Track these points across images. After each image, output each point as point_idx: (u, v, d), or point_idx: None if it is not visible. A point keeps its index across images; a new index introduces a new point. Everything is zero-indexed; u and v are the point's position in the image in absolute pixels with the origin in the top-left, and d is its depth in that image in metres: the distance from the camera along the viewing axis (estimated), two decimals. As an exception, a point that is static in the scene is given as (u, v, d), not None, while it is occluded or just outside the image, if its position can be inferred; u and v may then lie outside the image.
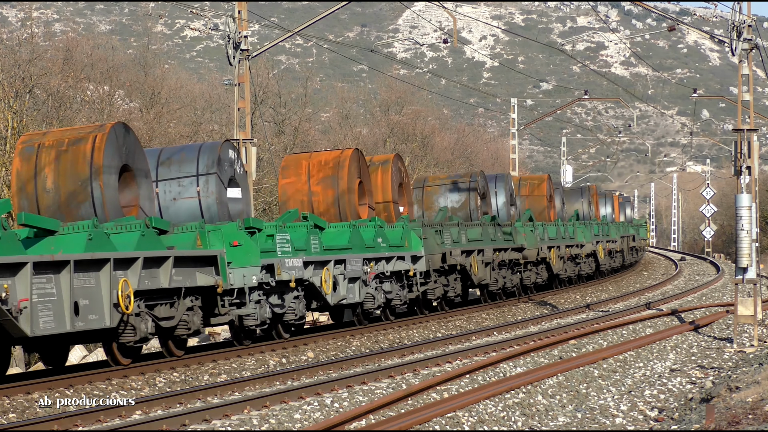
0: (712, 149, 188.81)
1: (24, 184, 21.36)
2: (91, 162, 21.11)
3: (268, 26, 59.58)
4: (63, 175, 21.21)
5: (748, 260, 25.18)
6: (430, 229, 31.40)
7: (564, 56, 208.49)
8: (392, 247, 29.04)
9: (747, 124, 26.36)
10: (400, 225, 30.05)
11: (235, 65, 31.35)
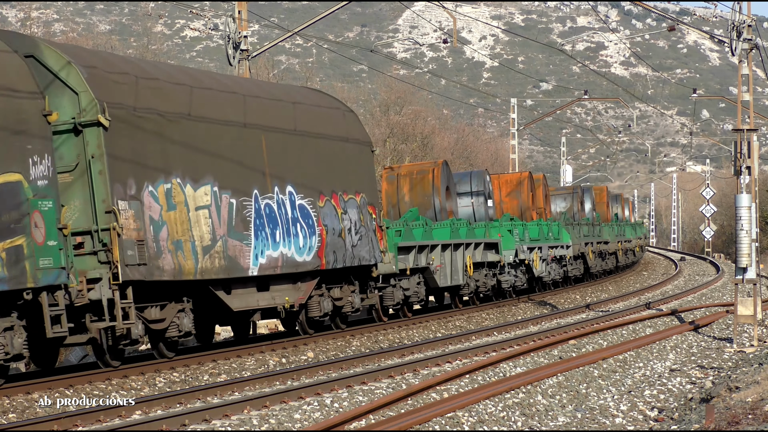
0: (711, 149, 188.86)
1: (390, 198, 36.11)
2: (432, 184, 35.74)
3: (267, 26, 59.63)
4: (415, 192, 35.83)
5: (748, 260, 25.19)
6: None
7: (564, 56, 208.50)
8: (556, 239, 44.39)
9: (747, 124, 26.36)
10: (557, 224, 45.30)
11: (235, 65, 31.36)
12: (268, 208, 23.61)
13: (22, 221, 17.14)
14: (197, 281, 21.33)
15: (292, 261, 24.14)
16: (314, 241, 25.07)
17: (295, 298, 24.55)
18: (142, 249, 19.58)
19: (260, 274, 23.06)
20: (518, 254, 38.98)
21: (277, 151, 23.98)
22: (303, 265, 24.57)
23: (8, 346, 17.34)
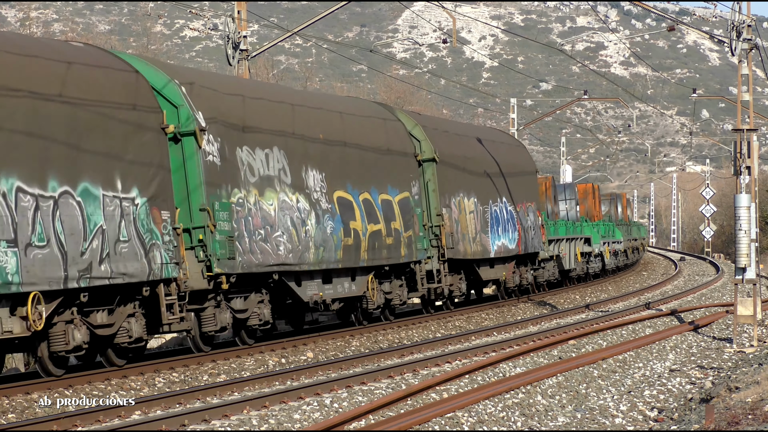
0: (711, 149, 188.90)
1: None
2: (545, 194, 45.11)
3: (267, 26, 59.65)
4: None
5: (747, 260, 25.18)
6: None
7: (563, 56, 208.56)
8: (612, 237, 56.80)
9: (746, 124, 26.36)
10: (612, 224, 58.38)
11: (235, 65, 31.35)
12: (496, 213, 35.86)
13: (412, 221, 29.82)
14: (470, 260, 33.54)
15: (506, 248, 36.51)
16: (516, 235, 37.53)
17: (505, 273, 36.92)
18: (451, 238, 31.71)
19: (495, 256, 35.43)
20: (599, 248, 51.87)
21: (499, 179, 36.59)
22: (512, 251, 37.15)
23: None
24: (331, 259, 25.38)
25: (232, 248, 21.41)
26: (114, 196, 19.10)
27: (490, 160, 35.88)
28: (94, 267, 18.47)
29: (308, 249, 24.45)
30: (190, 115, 20.92)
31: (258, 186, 22.87)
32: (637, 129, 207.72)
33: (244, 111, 23.11)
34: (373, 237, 27.43)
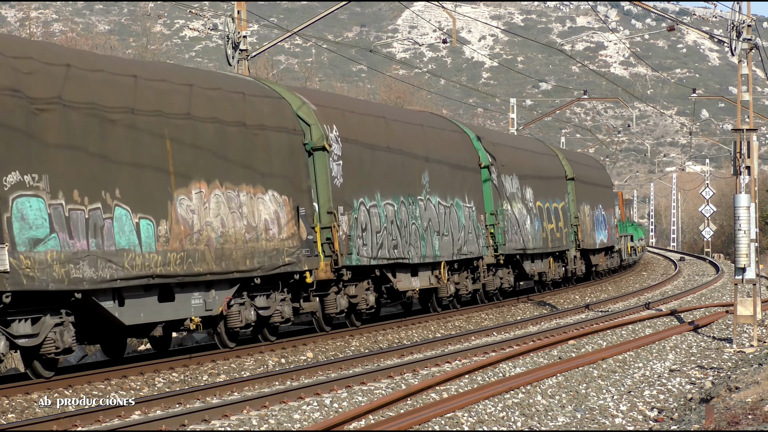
0: (711, 149, 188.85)
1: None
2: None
3: (267, 26, 59.67)
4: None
5: (747, 260, 25.18)
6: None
7: (563, 56, 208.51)
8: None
9: (746, 124, 26.36)
10: (635, 224, 70.53)
11: (235, 65, 31.35)
12: (600, 216, 49.88)
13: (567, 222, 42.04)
14: (588, 249, 48.08)
15: (603, 242, 50.42)
16: (607, 233, 51.27)
17: (602, 259, 51.82)
18: (582, 234, 46.09)
19: (598, 247, 49.69)
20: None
21: (600, 192, 50.80)
22: (605, 244, 51.08)
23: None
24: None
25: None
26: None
27: (596, 178, 51.63)
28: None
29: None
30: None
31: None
32: (637, 129, 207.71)
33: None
34: (552, 233, 41.61)
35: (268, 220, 23.21)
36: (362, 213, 26.69)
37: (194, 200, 21.17)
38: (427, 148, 31.02)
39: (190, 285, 21.22)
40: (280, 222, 23.63)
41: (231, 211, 22.16)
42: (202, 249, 21.16)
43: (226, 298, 22.04)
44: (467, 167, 33.65)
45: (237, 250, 22.10)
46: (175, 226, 20.55)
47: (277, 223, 23.48)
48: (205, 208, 21.43)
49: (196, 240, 21.07)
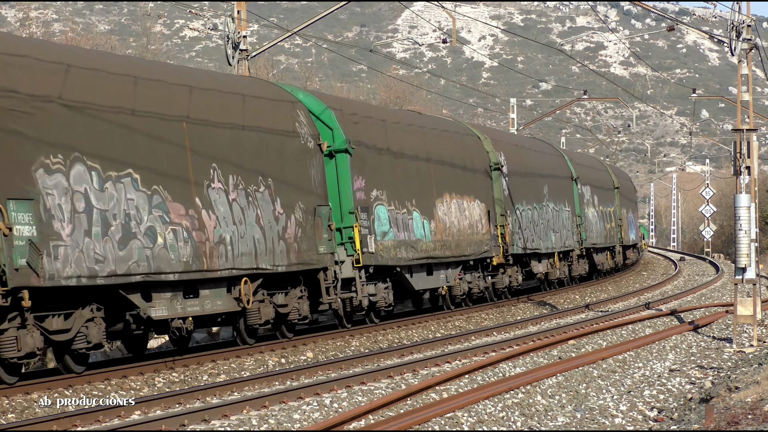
0: (711, 149, 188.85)
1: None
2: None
3: (267, 26, 59.61)
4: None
5: (747, 260, 25.18)
6: None
7: (563, 56, 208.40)
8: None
9: (746, 124, 26.36)
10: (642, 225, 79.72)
11: (235, 65, 31.34)
12: (631, 218, 60.35)
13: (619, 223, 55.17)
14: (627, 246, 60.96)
15: (634, 239, 61.33)
16: (636, 231, 63.17)
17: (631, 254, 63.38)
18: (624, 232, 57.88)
19: (631, 243, 61.44)
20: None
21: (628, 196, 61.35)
22: (635, 241, 63.66)
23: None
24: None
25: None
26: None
27: (628, 187, 63.28)
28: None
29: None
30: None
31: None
32: (637, 129, 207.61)
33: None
34: (610, 231, 54.10)
35: (476, 220, 34.11)
36: (518, 215, 37.67)
37: (444, 206, 31.91)
38: (544, 168, 42.63)
39: (440, 264, 31.56)
40: (482, 221, 34.54)
41: (461, 213, 32.93)
42: (449, 239, 31.80)
43: (457, 274, 32.83)
44: (565, 181, 45.50)
45: (463, 241, 32.86)
46: (438, 224, 31.18)
47: (480, 222, 34.39)
48: (449, 211, 32.02)
49: (447, 233, 31.69)
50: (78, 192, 18.34)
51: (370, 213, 27.40)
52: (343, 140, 26.21)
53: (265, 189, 23.37)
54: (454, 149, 33.75)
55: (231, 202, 22.20)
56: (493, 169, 35.98)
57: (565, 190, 44.38)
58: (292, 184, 24.43)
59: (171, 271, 20.25)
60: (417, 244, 29.91)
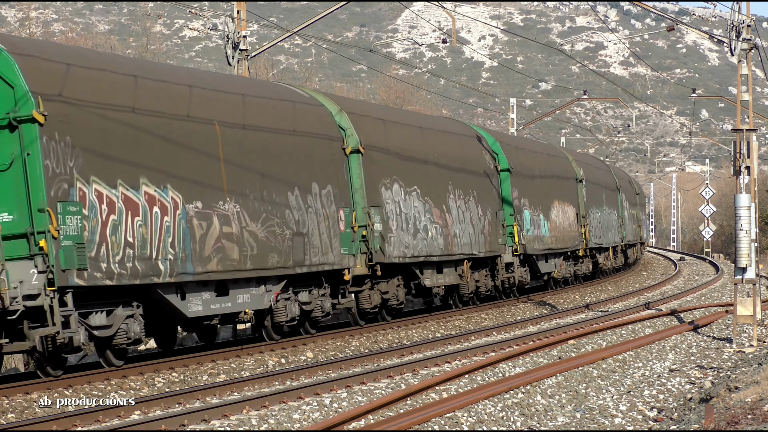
0: (711, 149, 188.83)
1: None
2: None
3: (266, 26, 59.63)
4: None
5: (747, 260, 25.18)
6: None
7: (563, 56, 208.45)
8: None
9: (746, 124, 26.35)
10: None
11: (234, 65, 31.34)
12: (644, 218, 68.84)
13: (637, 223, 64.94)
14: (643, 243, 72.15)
15: (646, 237, 72.04)
16: (647, 230, 77.27)
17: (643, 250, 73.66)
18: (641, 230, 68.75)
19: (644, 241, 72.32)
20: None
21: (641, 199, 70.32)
22: (646, 238, 73.97)
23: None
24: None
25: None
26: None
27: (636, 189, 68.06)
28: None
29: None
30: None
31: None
32: (637, 129, 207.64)
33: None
34: (635, 231, 63.46)
35: (572, 221, 44.19)
36: (594, 217, 48.73)
37: (553, 211, 41.64)
38: (600, 180, 52.70)
39: (553, 254, 41.49)
40: (574, 222, 44.53)
41: (564, 215, 42.97)
42: (558, 235, 41.74)
43: (561, 262, 42.87)
44: (611, 190, 55.43)
45: (565, 237, 42.80)
46: (551, 223, 40.90)
47: (574, 223, 44.49)
48: (555, 215, 41.52)
49: (557, 231, 41.85)
50: (397, 201, 28.34)
51: (521, 215, 37.44)
52: (507, 164, 36.92)
53: (473, 199, 33.45)
54: (558, 168, 44.57)
55: (458, 208, 32.18)
56: (578, 181, 46.81)
57: (611, 197, 55.19)
58: (486, 196, 34.72)
59: (436, 255, 30.46)
60: (543, 239, 40.08)
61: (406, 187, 29.47)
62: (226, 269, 21.73)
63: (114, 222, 19.13)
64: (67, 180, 18.24)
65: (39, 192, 17.72)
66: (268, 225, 23.21)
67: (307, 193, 24.76)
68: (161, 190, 20.26)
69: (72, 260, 18.02)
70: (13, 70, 17.92)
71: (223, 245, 21.68)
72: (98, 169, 18.87)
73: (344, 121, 27.19)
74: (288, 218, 23.89)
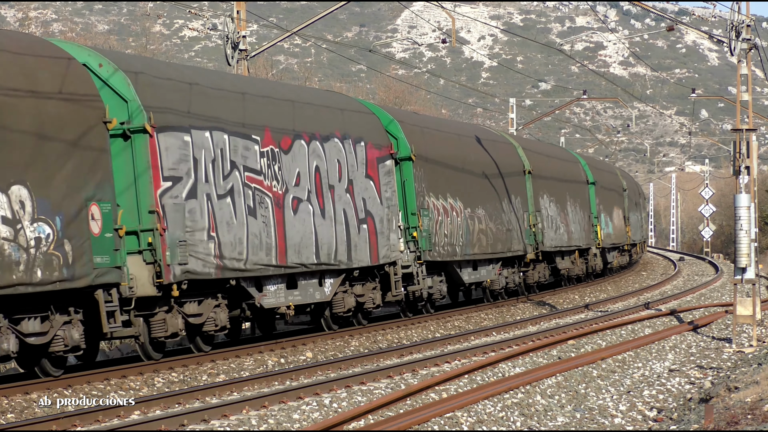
0: (710, 149, 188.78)
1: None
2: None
3: (266, 26, 59.64)
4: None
5: (747, 260, 25.18)
6: None
7: (562, 56, 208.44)
8: None
9: (746, 124, 26.35)
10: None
11: (234, 65, 31.34)
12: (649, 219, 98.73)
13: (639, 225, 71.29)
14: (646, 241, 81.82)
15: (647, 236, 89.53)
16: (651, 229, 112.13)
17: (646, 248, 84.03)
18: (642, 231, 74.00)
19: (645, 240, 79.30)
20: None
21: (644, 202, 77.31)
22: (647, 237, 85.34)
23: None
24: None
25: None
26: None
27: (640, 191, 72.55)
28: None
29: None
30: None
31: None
32: (636, 129, 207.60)
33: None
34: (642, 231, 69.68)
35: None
36: (635, 218, 60.15)
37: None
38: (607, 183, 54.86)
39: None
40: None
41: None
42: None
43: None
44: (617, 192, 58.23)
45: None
46: (613, 225, 51.46)
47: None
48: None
49: (615, 230, 52.37)
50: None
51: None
52: (593, 179, 49.77)
53: (576, 202, 44.41)
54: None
55: (557, 209, 42.30)
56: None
57: (616, 199, 57.66)
58: (579, 200, 45.99)
59: (566, 246, 43.29)
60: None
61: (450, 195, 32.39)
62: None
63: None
64: None
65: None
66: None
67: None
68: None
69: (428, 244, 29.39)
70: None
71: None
72: None
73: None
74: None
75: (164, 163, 20.21)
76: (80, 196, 18.33)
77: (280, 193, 23.55)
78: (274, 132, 23.63)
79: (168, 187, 20.23)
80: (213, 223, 21.32)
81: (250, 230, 22.37)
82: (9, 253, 16.90)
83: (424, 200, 29.98)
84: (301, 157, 24.52)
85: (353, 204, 26.71)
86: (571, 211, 45.14)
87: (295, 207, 24.16)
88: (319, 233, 24.81)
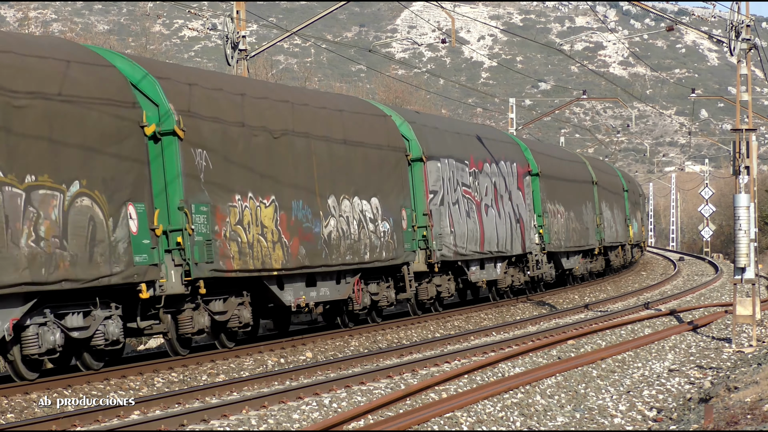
0: (710, 149, 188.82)
1: None
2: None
3: (266, 26, 59.69)
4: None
5: (746, 260, 25.18)
6: None
7: (562, 56, 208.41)
8: None
9: (745, 124, 26.36)
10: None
11: (234, 65, 31.33)
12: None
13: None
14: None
15: (642, 236, 71.08)
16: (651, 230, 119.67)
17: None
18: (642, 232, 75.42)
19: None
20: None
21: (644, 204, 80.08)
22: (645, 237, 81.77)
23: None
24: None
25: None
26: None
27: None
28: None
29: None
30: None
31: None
32: (636, 129, 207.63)
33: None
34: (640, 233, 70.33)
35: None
36: (606, 218, 52.92)
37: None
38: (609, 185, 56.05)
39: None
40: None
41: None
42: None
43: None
44: (618, 193, 59.63)
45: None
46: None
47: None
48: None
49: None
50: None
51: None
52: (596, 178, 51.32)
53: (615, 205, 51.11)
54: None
55: (611, 213, 50.80)
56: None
57: (619, 199, 59.72)
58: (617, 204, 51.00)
59: (616, 242, 51.40)
60: (613, 235, 49.48)
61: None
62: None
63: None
64: None
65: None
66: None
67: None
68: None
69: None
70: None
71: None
72: None
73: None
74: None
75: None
76: (122, 197, 19.30)
77: (478, 201, 33.63)
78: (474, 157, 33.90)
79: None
80: (451, 221, 31.16)
81: (468, 228, 32.45)
82: (58, 251, 17.71)
83: (546, 205, 40.51)
84: (486, 176, 34.58)
85: (513, 208, 36.76)
86: (616, 213, 55.49)
87: (486, 211, 34.27)
88: (498, 230, 34.98)
